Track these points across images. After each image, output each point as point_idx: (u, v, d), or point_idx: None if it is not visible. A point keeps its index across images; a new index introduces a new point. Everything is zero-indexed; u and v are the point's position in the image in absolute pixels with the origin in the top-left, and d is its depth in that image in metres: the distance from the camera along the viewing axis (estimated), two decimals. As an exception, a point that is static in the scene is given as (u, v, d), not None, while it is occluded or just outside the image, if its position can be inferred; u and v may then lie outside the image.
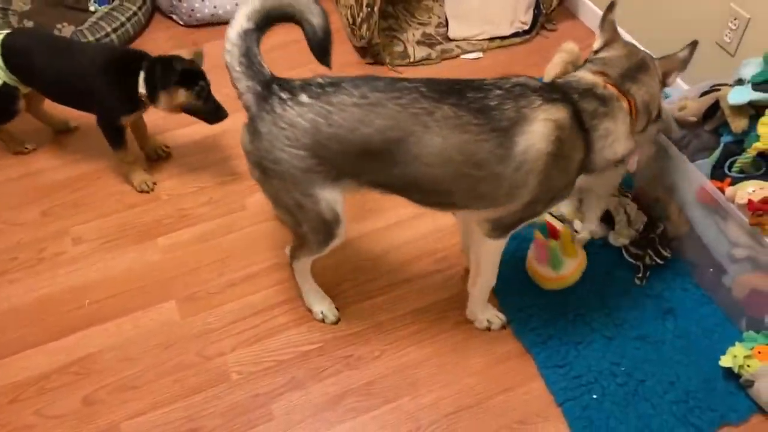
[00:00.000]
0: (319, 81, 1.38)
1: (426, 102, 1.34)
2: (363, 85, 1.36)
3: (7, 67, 1.96)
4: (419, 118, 1.34)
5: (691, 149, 1.77)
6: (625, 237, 1.82)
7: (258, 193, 2.04)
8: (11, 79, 1.99)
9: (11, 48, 1.96)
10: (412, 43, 2.56)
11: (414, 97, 1.34)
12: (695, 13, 2.09)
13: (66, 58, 1.97)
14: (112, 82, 1.92)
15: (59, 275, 1.88)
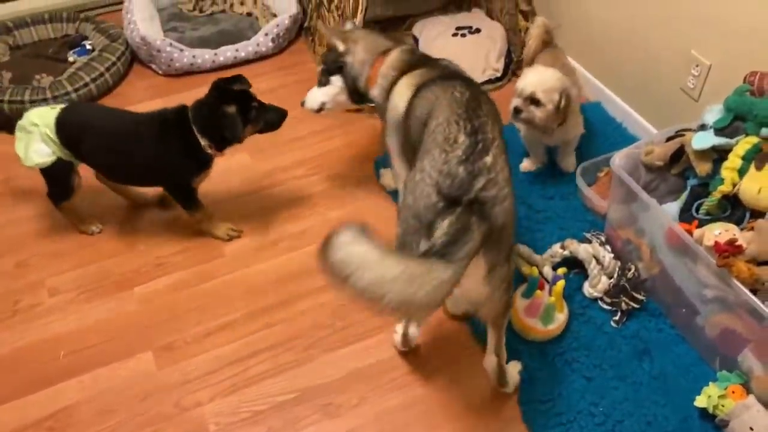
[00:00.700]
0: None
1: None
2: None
3: (61, 141, 1.89)
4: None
5: (659, 192, 1.82)
6: (598, 290, 1.85)
7: (235, 240, 2.07)
8: (65, 154, 1.92)
9: (66, 124, 1.89)
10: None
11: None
12: (659, 59, 2.16)
13: (122, 134, 1.91)
14: (176, 146, 1.88)
15: (34, 327, 1.86)
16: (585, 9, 2.45)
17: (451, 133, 1.44)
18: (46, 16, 2.84)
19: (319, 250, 1.18)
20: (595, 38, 2.45)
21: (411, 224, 1.38)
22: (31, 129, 1.90)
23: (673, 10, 2.05)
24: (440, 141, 1.43)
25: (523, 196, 2.16)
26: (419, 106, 1.65)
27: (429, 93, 1.65)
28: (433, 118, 1.53)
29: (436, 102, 1.58)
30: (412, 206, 1.39)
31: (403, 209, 1.44)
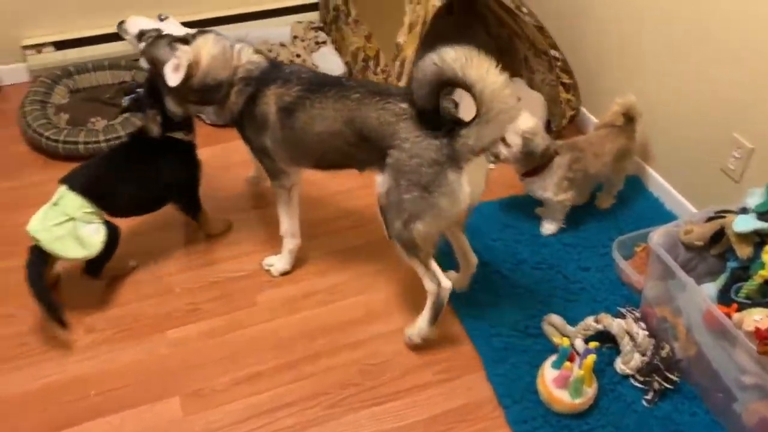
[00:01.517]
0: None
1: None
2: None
3: (98, 206, 1.94)
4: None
5: (697, 272, 1.80)
6: (630, 368, 1.82)
7: (269, 289, 2.09)
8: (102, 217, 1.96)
9: (89, 189, 1.93)
10: (427, 151, 2.65)
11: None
12: (701, 139, 2.18)
13: (134, 170, 2.04)
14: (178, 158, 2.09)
15: (68, 363, 1.89)
16: (629, 83, 2.48)
17: (394, 110, 1.74)
18: (106, 63, 2.97)
19: None
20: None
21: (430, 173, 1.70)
22: (63, 228, 1.88)
23: (716, 92, 2.08)
24: (394, 120, 1.74)
25: (558, 265, 2.16)
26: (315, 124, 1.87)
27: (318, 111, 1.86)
28: (360, 123, 1.79)
29: (344, 115, 1.83)
30: (422, 163, 1.70)
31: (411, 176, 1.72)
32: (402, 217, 1.76)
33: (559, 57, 2.59)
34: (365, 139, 1.79)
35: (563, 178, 2.18)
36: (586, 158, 2.20)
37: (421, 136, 1.69)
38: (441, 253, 1.94)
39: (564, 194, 2.21)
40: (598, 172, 2.24)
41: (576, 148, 2.22)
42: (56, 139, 2.56)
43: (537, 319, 1.98)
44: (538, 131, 2.13)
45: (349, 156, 1.86)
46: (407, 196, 1.72)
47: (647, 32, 2.31)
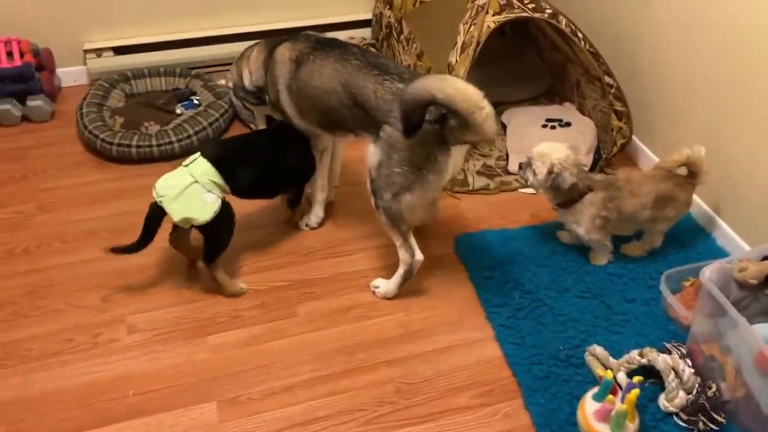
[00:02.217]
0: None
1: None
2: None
3: (225, 179, 1.99)
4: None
5: (750, 311, 1.75)
6: (675, 405, 1.77)
7: (310, 301, 2.11)
8: (224, 192, 2.02)
9: (221, 161, 1.99)
10: (472, 172, 2.65)
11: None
12: (755, 174, 2.12)
13: (269, 147, 2.18)
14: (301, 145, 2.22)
15: (110, 362, 1.92)
16: (683, 113, 2.44)
17: (391, 88, 1.88)
18: (162, 69, 3.05)
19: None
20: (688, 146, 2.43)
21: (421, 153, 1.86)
22: (186, 187, 1.93)
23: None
24: (391, 98, 1.87)
25: (603, 295, 2.12)
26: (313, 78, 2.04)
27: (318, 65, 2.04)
28: (356, 90, 1.93)
29: (341, 76, 1.98)
30: (414, 144, 1.85)
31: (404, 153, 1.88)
32: (392, 189, 1.92)
33: (613, 84, 2.56)
34: (359, 105, 1.94)
35: (596, 216, 2.12)
36: (622, 197, 2.11)
37: None
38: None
39: (596, 233, 2.14)
40: (635, 213, 2.13)
41: (612, 185, 2.14)
42: (110, 141, 2.62)
43: (580, 349, 1.94)
44: (568, 166, 2.07)
45: (344, 117, 2.01)
46: (398, 170, 1.89)
47: (705, 62, 2.27)
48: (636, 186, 2.13)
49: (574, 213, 2.15)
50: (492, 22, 2.40)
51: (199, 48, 3.19)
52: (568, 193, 2.11)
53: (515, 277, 2.18)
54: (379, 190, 1.95)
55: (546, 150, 2.10)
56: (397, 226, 1.99)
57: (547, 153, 2.09)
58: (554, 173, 2.06)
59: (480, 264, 2.23)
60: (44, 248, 2.29)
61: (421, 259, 2.04)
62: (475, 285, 2.17)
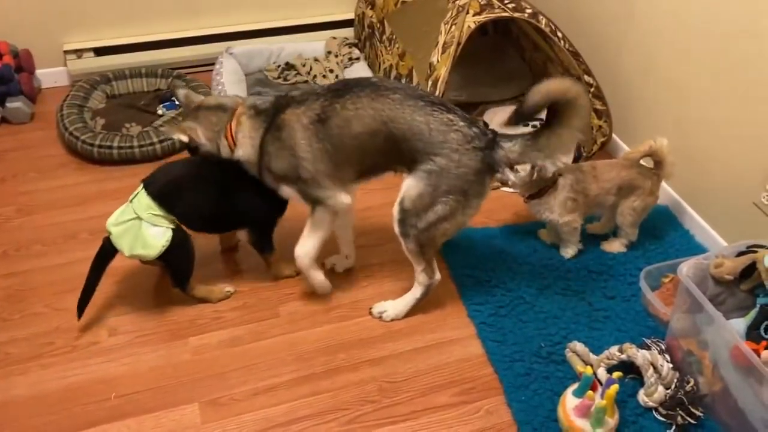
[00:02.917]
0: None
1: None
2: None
3: (167, 210, 1.91)
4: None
5: (726, 307, 1.77)
6: (654, 400, 1.79)
7: (292, 301, 2.10)
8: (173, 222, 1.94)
9: (163, 193, 1.92)
10: (455, 171, 2.66)
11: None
12: (732, 172, 2.15)
13: (212, 186, 1.98)
14: (261, 189, 1.98)
15: (91, 365, 1.91)
16: (663, 112, 2.47)
17: (443, 119, 1.82)
18: (143, 70, 3.04)
19: None
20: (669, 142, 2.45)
21: (473, 181, 1.85)
22: (130, 224, 1.89)
23: (751, 127, 2.05)
24: (445, 129, 1.82)
25: (583, 293, 2.13)
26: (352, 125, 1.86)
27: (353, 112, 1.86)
28: (405, 125, 1.82)
29: (384, 114, 1.84)
30: (468, 173, 1.84)
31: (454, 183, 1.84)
32: (429, 218, 1.86)
33: (593, 83, 2.58)
34: (406, 140, 1.83)
35: (567, 198, 2.17)
36: (585, 180, 2.19)
37: (469, 149, 1.82)
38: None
39: (569, 215, 2.19)
40: (599, 198, 2.20)
41: (578, 170, 2.21)
42: (91, 143, 2.61)
43: (560, 346, 1.96)
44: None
45: (385, 155, 1.88)
46: (444, 199, 1.84)
47: (683, 63, 2.30)
48: (599, 172, 2.21)
49: (548, 200, 2.19)
50: (473, 22, 2.41)
51: (181, 48, 3.18)
52: (543, 181, 2.15)
53: (497, 275, 2.19)
54: (412, 220, 1.87)
55: None
56: (424, 253, 1.94)
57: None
58: (537, 168, 2.10)
59: (462, 262, 2.24)
60: (23, 251, 2.28)
61: (439, 278, 2.03)
62: (456, 283, 2.18)
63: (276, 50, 3.22)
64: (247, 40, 3.24)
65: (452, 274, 2.21)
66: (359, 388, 1.86)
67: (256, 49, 3.18)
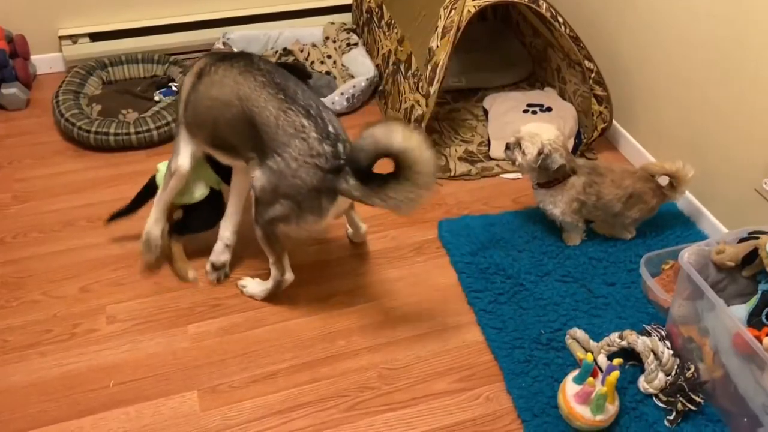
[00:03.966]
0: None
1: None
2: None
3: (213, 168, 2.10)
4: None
5: (727, 293, 1.76)
6: (654, 387, 1.78)
7: (291, 288, 2.09)
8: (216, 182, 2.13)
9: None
10: (454, 158, 2.65)
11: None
12: (734, 158, 2.14)
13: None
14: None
15: (89, 352, 1.90)
16: (664, 98, 2.45)
17: (294, 122, 1.76)
18: (140, 56, 3.01)
19: None
20: (668, 131, 2.44)
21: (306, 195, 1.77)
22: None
23: (753, 112, 2.03)
24: (292, 132, 1.76)
25: (583, 279, 2.13)
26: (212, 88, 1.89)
27: (219, 76, 1.89)
28: (256, 109, 1.80)
29: (241, 89, 1.83)
30: (302, 186, 1.76)
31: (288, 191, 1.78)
32: (270, 213, 1.84)
33: (593, 68, 2.56)
34: (253, 125, 1.81)
35: (575, 198, 2.14)
36: (603, 183, 2.14)
37: (310, 164, 1.74)
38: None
39: (571, 216, 2.17)
40: (610, 203, 2.15)
41: (595, 171, 2.15)
42: (88, 129, 2.59)
43: (560, 333, 1.95)
44: (558, 147, 2.08)
45: (236, 135, 1.86)
46: (282, 201, 1.80)
47: (685, 48, 2.28)
48: (618, 176, 2.16)
49: (554, 194, 2.16)
50: (472, 6, 2.39)
51: (178, 34, 3.16)
52: (554, 173, 2.12)
53: (496, 262, 2.18)
54: (260, 210, 1.86)
55: (536, 130, 2.11)
56: (270, 246, 1.92)
57: (538, 133, 2.09)
58: (544, 154, 2.07)
59: (461, 249, 2.23)
60: (20, 239, 2.26)
61: (290, 279, 2.00)
62: (456, 270, 2.17)
63: (273, 36, 3.19)
64: (245, 25, 3.21)
65: (452, 261, 2.20)
66: (359, 375, 1.86)
67: (253, 35, 3.15)
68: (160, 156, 2.61)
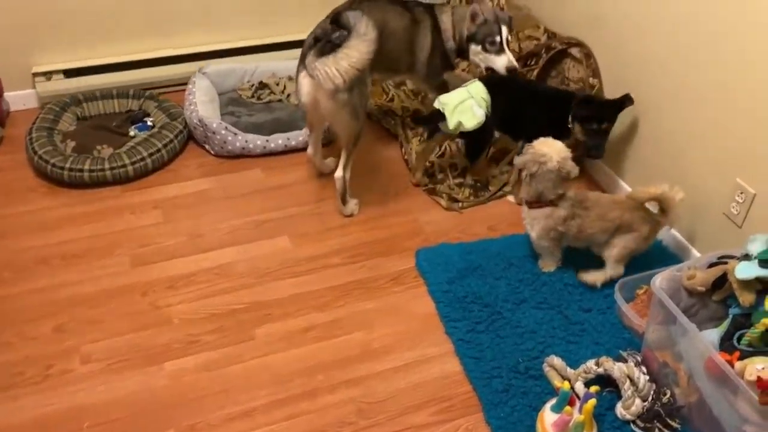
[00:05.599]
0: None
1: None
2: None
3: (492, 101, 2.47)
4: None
5: (700, 318, 1.78)
6: (631, 413, 1.79)
7: (268, 323, 2.08)
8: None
9: (492, 87, 2.48)
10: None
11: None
12: (704, 183, 2.18)
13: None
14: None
15: (64, 394, 1.87)
16: (632, 124, 2.50)
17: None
18: (114, 91, 3.01)
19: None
20: (640, 153, 2.48)
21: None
22: (464, 102, 2.41)
23: (721, 138, 2.08)
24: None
25: (560, 306, 2.14)
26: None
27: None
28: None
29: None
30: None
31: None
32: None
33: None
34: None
35: (552, 228, 2.16)
36: (588, 217, 2.14)
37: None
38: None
39: (547, 242, 2.19)
40: (594, 236, 2.16)
41: (581, 205, 2.15)
42: (62, 166, 2.57)
43: (538, 361, 1.96)
44: (566, 159, 2.11)
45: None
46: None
47: (658, 74, 2.33)
48: (604, 209, 2.14)
49: (535, 216, 2.19)
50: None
51: (153, 69, 3.16)
52: (536, 194, 2.14)
53: (474, 291, 2.19)
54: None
55: (547, 144, 2.14)
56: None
57: (550, 145, 2.12)
58: (562, 163, 2.09)
59: (439, 278, 2.24)
60: (-7, 278, 2.24)
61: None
62: (434, 299, 2.18)
63: (250, 69, 3.21)
64: (221, 59, 3.22)
65: (429, 290, 2.21)
66: (337, 410, 1.84)
67: (230, 69, 3.17)
68: (134, 191, 2.62)
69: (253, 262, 2.31)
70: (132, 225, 2.45)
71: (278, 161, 2.80)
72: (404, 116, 3.01)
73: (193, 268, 2.28)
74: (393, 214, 2.55)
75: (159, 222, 2.47)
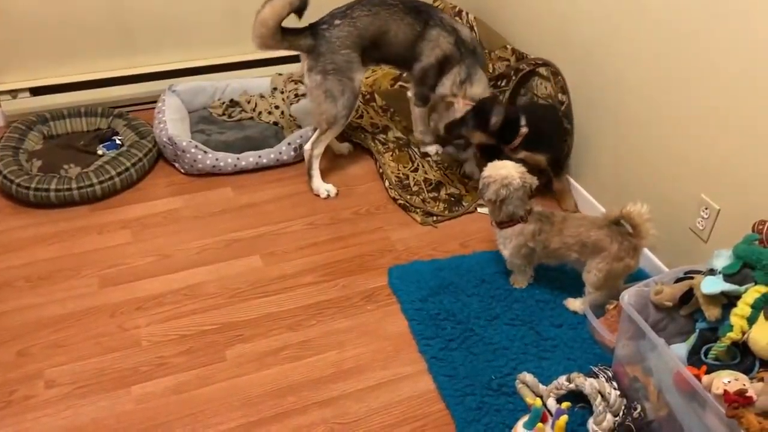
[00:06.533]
0: (341, 11, 2.56)
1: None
2: (367, 3, 2.58)
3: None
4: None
5: (668, 332, 1.80)
6: (603, 429, 1.80)
7: (239, 344, 2.05)
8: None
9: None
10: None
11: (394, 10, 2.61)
12: (670, 198, 2.21)
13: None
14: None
15: (26, 421, 1.82)
16: (596, 140, 2.54)
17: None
18: (82, 109, 2.97)
19: None
20: (605, 168, 2.52)
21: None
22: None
23: (685, 154, 2.12)
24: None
25: (531, 322, 2.15)
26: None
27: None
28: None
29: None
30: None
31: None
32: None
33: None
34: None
35: (523, 244, 2.18)
36: (551, 232, 2.15)
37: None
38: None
39: (519, 259, 2.22)
40: (559, 251, 2.16)
41: (548, 220, 2.17)
42: (27, 186, 2.53)
43: (511, 377, 1.96)
44: (510, 184, 2.13)
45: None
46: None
47: (624, 91, 2.37)
48: (570, 225, 2.15)
49: (506, 235, 2.20)
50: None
51: (122, 87, 3.13)
52: (507, 215, 2.16)
53: (446, 308, 2.19)
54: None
55: (500, 166, 2.17)
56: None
57: (501, 169, 2.16)
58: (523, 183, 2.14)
59: (412, 296, 2.24)
60: (-46, 302, 2.18)
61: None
62: (407, 317, 2.17)
63: (221, 87, 3.20)
64: (192, 77, 3.21)
65: (402, 308, 2.20)
66: (309, 429, 1.82)
67: (200, 86, 3.15)
68: (102, 211, 2.58)
69: (224, 281, 2.28)
70: (100, 245, 2.41)
71: (249, 179, 2.78)
72: (373, 132, 3.02)
73: (162, 288, 2.25)
74: (365, 231, 2.54)
75: (128, 242, 2.44)
